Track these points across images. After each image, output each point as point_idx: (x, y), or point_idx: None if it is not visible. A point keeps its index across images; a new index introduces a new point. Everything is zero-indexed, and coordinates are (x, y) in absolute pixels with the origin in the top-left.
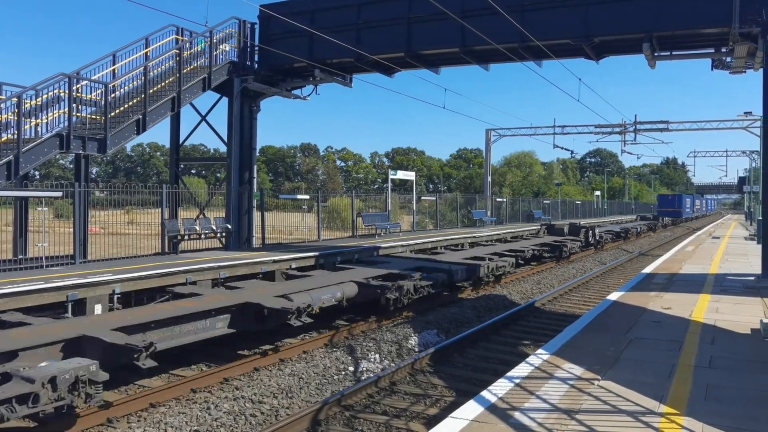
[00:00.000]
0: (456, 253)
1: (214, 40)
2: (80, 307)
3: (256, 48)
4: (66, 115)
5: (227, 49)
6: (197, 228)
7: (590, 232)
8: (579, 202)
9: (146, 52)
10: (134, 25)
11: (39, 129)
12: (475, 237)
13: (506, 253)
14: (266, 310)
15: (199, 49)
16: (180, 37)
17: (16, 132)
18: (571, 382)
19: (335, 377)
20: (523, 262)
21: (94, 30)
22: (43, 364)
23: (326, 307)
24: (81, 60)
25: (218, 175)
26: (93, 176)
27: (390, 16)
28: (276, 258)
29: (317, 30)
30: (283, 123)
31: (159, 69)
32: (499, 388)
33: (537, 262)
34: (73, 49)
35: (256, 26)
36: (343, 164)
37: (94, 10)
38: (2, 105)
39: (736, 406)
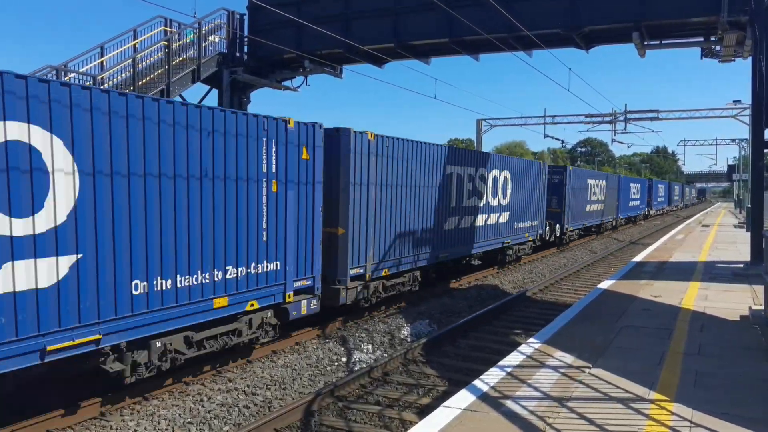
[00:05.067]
0: None
1: (203, 32)
2: None
3: (245, 39)
4: None
5: (216, 40)
6: None
7: None
8: None
9: (134, 44)
10: (122, 17)
11: None
12: None
13: None
14: None
15: (187, 41)
16: (168, 29)
17: None
18: (562, 371)
19: (328, 368)
20: None
21: (85, 22)
22: None
23: None
24: (68, 53)
25: None
26: None
27: (379, 6)
28: None
29: (306, 21)
30: (273, 114)
31: (148, 61)
32: (491, 377)
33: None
34: (61, 40)
35: (245, 17)
36: None
37: (83, 2)
38: None
39: (725, 392)
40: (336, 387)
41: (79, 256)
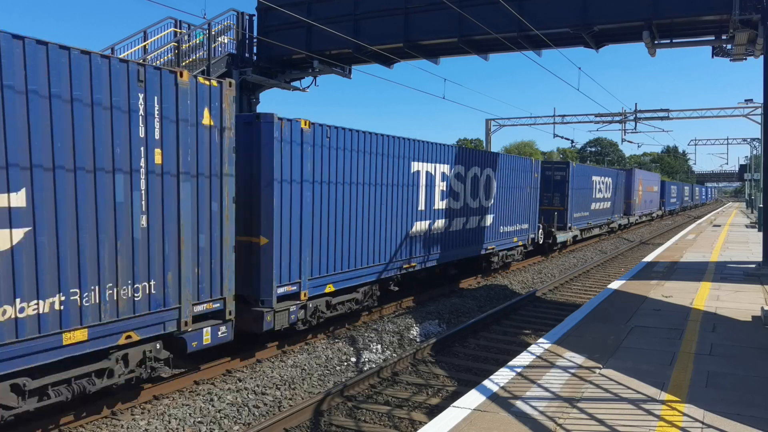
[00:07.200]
0: None
1: (213, 33)
2: None
3: (255, 40)
4: None
5: (226, 41)
6: None
7: None
8: None
9: (145, 45)
10: (132, 19)
11: None
12: None
13: None
14: None
15: (197, 42)
16: (178, 30)
17: None
18: (572, 371)
19: (337, 368)
20: None
21: (92, 25)
22: None
23: None
24: None
25: None
26: None
27: (388, 6)
28: None
29: (315, 21)
30: (283, 114)
31: (158, 62)
32: (501, 377)
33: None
34: (71, 39)
35: (255, 18)
36: None
37: (91, 6)
38: None
39: (737, 392)
40: (345, 387)
41: None
